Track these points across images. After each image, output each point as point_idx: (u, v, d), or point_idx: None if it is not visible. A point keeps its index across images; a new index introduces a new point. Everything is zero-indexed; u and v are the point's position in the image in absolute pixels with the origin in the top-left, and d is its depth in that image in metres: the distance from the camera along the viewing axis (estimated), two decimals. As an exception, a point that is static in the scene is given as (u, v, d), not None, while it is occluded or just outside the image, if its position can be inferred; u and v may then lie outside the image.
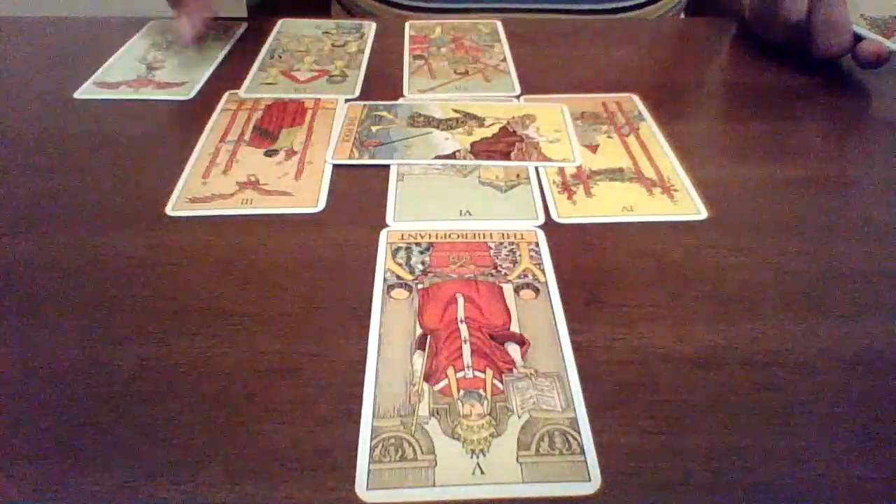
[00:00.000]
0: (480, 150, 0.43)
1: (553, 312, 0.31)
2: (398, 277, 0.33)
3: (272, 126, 0.46)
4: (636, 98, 0.49)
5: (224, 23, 0.60)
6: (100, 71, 0.53)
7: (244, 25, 0.60)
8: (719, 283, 0.33)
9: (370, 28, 0.60)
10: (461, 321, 0.31)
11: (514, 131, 0.45)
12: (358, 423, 0.27)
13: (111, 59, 0.54)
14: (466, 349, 0.30)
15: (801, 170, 0.42)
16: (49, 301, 0.32)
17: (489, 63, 0.54)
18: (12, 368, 0.29)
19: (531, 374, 0.28)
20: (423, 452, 0.26)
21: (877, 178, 0.42)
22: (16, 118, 0.47)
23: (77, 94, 0.49)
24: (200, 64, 0.53)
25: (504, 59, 0.55)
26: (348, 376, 0.29)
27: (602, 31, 0.62)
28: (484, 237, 0.36)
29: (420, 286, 0.33)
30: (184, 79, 0.51)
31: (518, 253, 0.35)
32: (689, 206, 0.39)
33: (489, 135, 0.45)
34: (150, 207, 0.38)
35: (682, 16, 0.74)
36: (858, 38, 0.49)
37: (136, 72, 0.52)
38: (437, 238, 0.36)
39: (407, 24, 0.61)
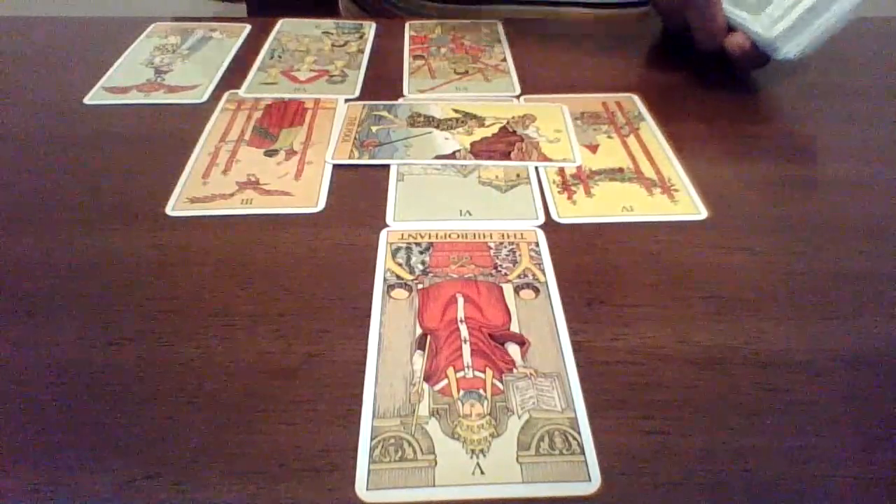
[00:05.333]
0: (480, 150, 0.43)
1: (553, 312, 0.31)
2: (398, 277, 0.33)
3: (272, 126, 0.46)
4: (636, 98, 0.49)
5: (230, 25, 0.60)
6: (107, 75, 0.52)
7: (248, 27, 0.60)
8: (719, 283, 0.33)
9: (370, 28, 0.60)
10: (461, 321, 0.31)
11: (514, 131, 0.45)
12: (358, 423, 0.27)
13: (117, 63, 0.54)
14: (466, 349, 0.30)
15: (802, 170, 0.42)
16: (49, 301, 0.32)
17: (489, 63, 0.54)
18: (12, 368, 0.29)
19: (531, 374, 0.28)
20: (423, 452, 0.26)
21: (877, 177, 0.42)
22: (24, 122, 0.47)
23: (87, 100, 0.49)
24: (209, 67, 0.53)
25: (504, 59, 0.55)
26: (348, 376, 0.29)
27: (602, 30, 0.62)
28: (484, 237, 0.36)
29: (420, 286, 0.33)
30: (194, 82, 0.51)
31: (518, 253, 0.35)
32: (689, 206, 0.39)
33: (489, 135, 0.45)
34: (150, 207, 0.38)
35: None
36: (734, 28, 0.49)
37: (145, 75, 0.52)
38: (437, 238, 0.36)
39: (407, 24, 0.61)
